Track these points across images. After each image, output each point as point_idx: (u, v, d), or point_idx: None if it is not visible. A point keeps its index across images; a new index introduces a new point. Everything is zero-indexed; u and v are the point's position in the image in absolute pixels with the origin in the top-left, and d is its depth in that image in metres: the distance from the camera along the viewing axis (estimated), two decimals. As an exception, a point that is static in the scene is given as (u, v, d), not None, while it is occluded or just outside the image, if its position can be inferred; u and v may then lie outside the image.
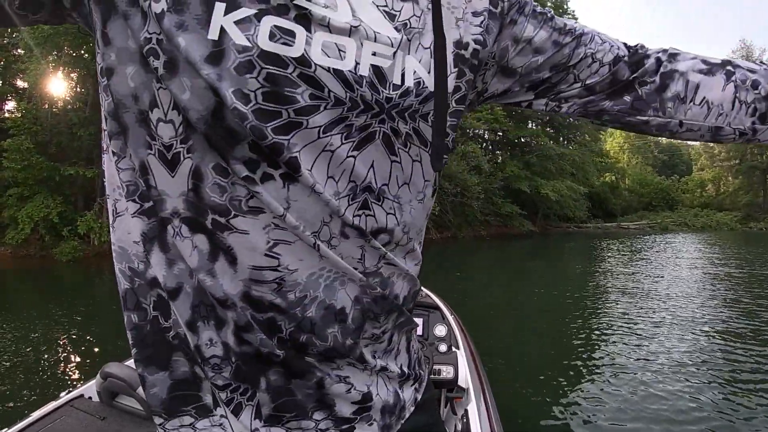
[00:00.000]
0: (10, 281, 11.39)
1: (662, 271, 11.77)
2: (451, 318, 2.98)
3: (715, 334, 5.79)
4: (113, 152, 0.50)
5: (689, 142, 59.21)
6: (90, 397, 2.06)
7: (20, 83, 16.01)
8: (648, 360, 4.84)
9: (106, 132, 0.50)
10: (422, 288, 3.49)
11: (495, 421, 2.02)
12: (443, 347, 2.53)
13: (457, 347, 2.65)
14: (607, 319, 6.66)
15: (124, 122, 0.48)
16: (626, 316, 6.69)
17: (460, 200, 23.86)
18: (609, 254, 17.27)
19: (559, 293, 9.10)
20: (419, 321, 2.70)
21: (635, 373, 4.45)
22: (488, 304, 8.09)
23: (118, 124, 0.48)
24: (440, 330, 2.65)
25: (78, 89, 16.15)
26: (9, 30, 13.86)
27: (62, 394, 2.13)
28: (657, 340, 5.52)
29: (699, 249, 19.55)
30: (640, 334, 5.76)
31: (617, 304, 7.73)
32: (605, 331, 5.96)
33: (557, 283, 10.74)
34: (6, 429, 1.76)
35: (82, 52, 15.21)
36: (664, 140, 67.66)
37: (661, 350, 5.18)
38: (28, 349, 5.04)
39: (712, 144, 48.87)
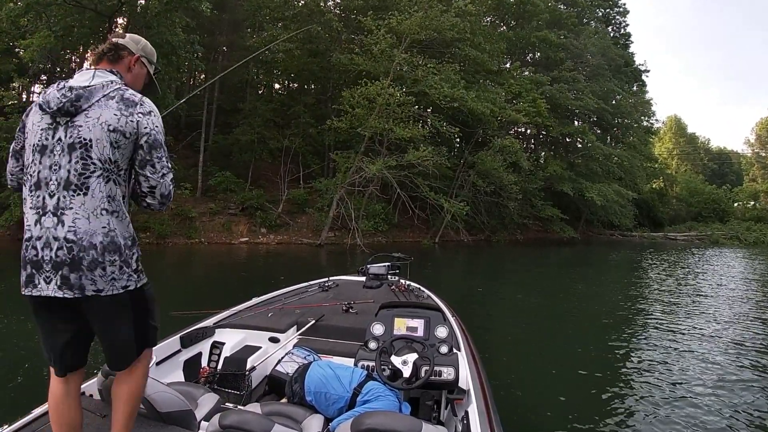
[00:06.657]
0: (6, 267, 10.40)
1: (709, 294, 10.39)
2: (452, 320, 3.11)
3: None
4: None
5: (740, 150, 55.00)
6: (91, 395, 2.05)
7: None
8: (654, 373, 4.82)
9: None
10: (424, 289, 4.35)
11: (495, 422, 2.01)
12: (444, 349, 2.54)
13: (459, 349, 2.70)
14: (628, 334, 6.59)
15: None
16: (652, 335, 6.50)
17: (495, 200, 21.90)
18: (653, 268, 16.10)
19: (586, 305, 8.94)
20: (420, 322, 2.75)
21: (641, 385, 4.49)
22: (503, 309, 8.17)
23: None
24: (441, 332, 2.69)
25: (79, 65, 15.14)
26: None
27: None
28: (672, 358, 5.42)
29: (754, 267, 17.71)
30: (657, 352, 5.65)
31: (646, 323, 7.33)
32: (621, 345, 5.95)
33: (588, 295, 10.36)
34: (6, 426, 1.75)
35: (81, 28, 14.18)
36: (713, 146, 63.33)
37: (673, 362, 5.18)
38: (29, 344, 4.84)
39: (764, 153, 45.21)
